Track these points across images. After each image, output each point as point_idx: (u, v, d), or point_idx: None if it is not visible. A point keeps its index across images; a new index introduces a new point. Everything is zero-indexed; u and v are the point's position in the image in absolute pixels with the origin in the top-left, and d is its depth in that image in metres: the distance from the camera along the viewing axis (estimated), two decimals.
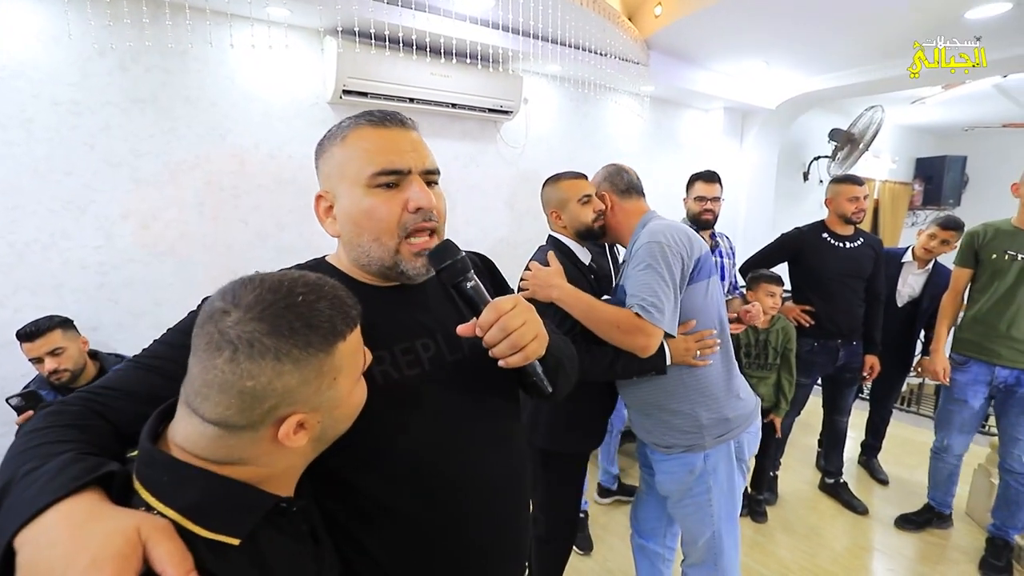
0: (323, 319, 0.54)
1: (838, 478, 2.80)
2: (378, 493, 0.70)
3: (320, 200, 0.77)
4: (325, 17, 2.30)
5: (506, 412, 0.84)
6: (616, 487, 2.80)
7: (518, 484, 0.84)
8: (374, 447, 0.69)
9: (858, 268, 2.46)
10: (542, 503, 1.71)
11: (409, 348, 0.75)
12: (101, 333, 2.12)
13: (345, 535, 0.68)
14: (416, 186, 0.72)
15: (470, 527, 0.75)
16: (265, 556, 0.50)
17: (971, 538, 2.48)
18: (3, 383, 1.95)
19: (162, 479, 0.49)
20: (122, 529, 0.42)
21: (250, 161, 2.40)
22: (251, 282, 0.53)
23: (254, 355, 0.50)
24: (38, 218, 1.99)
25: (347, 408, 0.59)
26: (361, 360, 0.61)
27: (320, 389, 0.54)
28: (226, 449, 0.52)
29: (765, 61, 3.53)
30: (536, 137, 3.36)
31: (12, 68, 1.89)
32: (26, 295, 2.00)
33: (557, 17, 2.48)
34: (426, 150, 0.76)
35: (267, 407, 0.51)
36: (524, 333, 0.68)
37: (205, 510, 0.48)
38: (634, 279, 1.39)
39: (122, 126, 2.10)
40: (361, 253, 0.74)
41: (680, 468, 1.47)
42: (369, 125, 0.73)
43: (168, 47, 2.13)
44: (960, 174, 6.55)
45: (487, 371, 0.77)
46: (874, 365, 2.60)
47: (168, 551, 0.42)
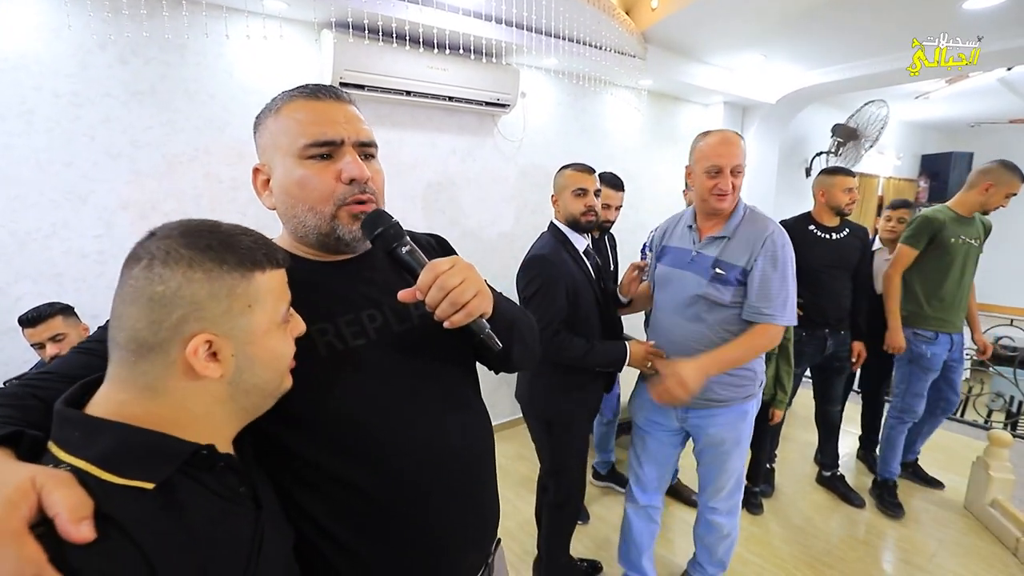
0: (242, 247, 0.56)
1: (834, 471, 2.79)
2: (320, 458, 0.69)
3: (257, 174, 0.78)
4: (321, 10, 2.33)
5: (459, 382, 0.84)
6: (607, 473, 2.84)
7: (478, 455, 0.83)
8: (315, 412, 0.69)
9: (844, 258, 2.49)
10: (549, 469, 1.87)
11: (354, 320, 0.75)
12: (101, 320, 2.15)
13: (291, 503, 0.69)
14: (349, 157, 0.72)
15: (426, 497, 0.74)
16: (183, 506, 0.50)
17: (969, 532, 2.46)
18: (6, 368, 2.00)
19: (74, 435, 0.49)
20: (15, 479, 0.43)
21: (248, 153, 2.43)
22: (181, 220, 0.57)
23: (168, 261, 0.52)
24: (39, 208, 2.03)
25: (263, 350, 0.58)
26: (283, 306, 0.61)
27: (231, 312, 0.55)
28: (140, 385, 0.52)
29: (763, 55, 3.53)
30: (534, 131, 3.38)
31: (13, 60, 1.93)
32: (28, 283, 2.04)
33: (553, 10, 2.49)
34: (361, 123, 0.76)
35: (175, 318, 0.52)
36: (463, 290, 0.68)
37: (118, 457, 0.48)
38: (774, 283, 1.52)
39: (121, 118, 2.14)
40: (298, 224, 0.74)
41: (737, 417, 1.65)
42: (302, 97, 0.73)
43: (167, 39, 2.17)
44: (966, 170, 6.45)
45: (437, 341, 0.79)
46: (860, 352, 2.63)
47: (63, 496, 0.42)
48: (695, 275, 1.61)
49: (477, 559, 0.84)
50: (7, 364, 2.01)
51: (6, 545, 0.39)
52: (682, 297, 1.63)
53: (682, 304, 1.63)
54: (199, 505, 0.52)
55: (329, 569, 0.70)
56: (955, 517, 2.57)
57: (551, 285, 1.66)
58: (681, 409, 1.69)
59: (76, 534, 0.41)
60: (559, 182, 1.82)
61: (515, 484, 2.82)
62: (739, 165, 1.55)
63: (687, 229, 1.70)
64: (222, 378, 0.55)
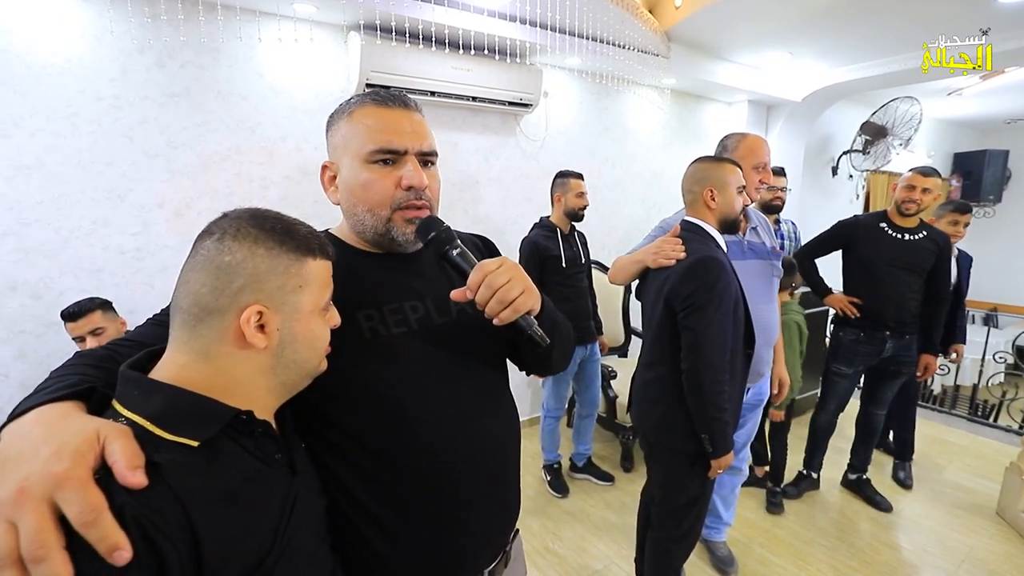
0: (300, 234, 0.64)
1: (862, 474, 2.74)
2: (356, 432, 0.74)
3: (325, 170, 0.84)
4: (349, 13, 2.38)
5: (491, 374, 0.88)
6: (584, 465, 2.90)
7: (505, 444, 0.87)
8: (355, 390, 0.75)
9: (913, 260, 2.37)
10: (684, 503, 1.64)
11: (398, 308, 0.80)
12: (138, 316, 2.23)
13: (327, 473, 0.74)
14: (410, 165, 0.78)
15: (455, 479, 0.78)
16: (222, 463, 0.56)
17: (1002, 538, 2.40)
18: (51, 358, 2.09)
19: (133, 393, 0.56)
20: (84, 430, 0.49)
21: (278, 153, 2.50)
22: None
23: (238, 236, 0.60)
24: (82, 206, 2.12)
25: (304, 329, 0.63)
26: (326, 295, 0.67)
27: (284, 288, 0.61)
28: (195, 349, 0.58)
29: (790, 52, 3.48)
30: (556, 130, 3.39)
31: (60, 66, 2.02)
32: (70, 279, 2.13)
33: (576, 10, 2.50)
34: (426, 132, 0.81)
35: (236, 286, 0.58)
36: (510, 288, 0.71)
37: (168, 416, 0.54)
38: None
39: (159, 119, 2.22)
40: (357, 221, 0.81)
41: (767, 383, 1.96)
42: (374, 104, 0.79)
43: (201, 43, 2.24)
44: (1002, 169, 6.28)
45: (473, 335, 0.85)
46: (929, 365, 2.53)
47: (122, 446, 0.48)
48: (759, 260, 1.81)
49: (497, 544, 0.88)
50: (51, 355, 2.10)
51: (74, 490, 0.44)
52: (759, 283, 1.77)
53: (763, 289, 1.79)
54: (237, 464, 0.58)
55: (359, 538, 0.75)
56: (987, 523, 2.52)
57: (727, 297, 1.43)
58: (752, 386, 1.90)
59: (132, 479, 0.47)
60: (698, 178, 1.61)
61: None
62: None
63: None
64: (266, 349, 0.61)
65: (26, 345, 2.08)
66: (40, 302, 2.08)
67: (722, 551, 2.20)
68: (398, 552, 0.75)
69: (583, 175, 2.59)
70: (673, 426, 1.53)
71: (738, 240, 1.81)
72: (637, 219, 3.89)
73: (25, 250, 2.04)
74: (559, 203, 2.58)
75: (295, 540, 0.61)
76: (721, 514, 2.18)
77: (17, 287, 2.04)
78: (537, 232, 2.59)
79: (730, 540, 2.29)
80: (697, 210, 1.57)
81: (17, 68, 1.95)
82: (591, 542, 2.36)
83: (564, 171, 2.60)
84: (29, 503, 0.43)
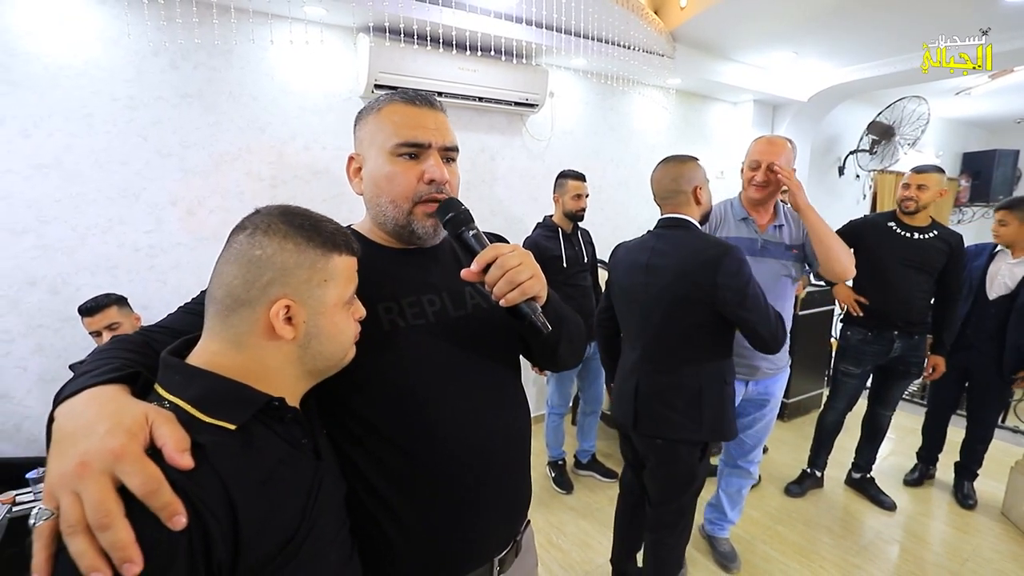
0: (327, 231, 0.67)
1: (866, 473, 2.74)
2: (374, 420, 0.78)
3: (352, 161, 0.88)
4: (358, 15, 2.42)
5: (504, 368, 0.91)
6: (588, 462, 2.93)
7: (516, 435, 0.89)
8: (373, 379, 0.77)
9: (923, 259, 2.35)
10: (693, 490, 1.71)
11: (415, 302, 0.84)
12: (151, 311, 2.28)
13: (346, 459, 0.77)
14: (432, 160, 0.81)
15: (467, 466, 0.81)
16: (257, 446, 0.59)
17: (1007, 538, 2.40)
18: (67, 352, 2.15)
19: (175, 378, 0.60)
20: (134, 412, 0.53)
21: (287, 153, 2.55)
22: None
23: (269, 231, 0.63)
24: (98, 204, 2.17)
25: (330, 323, 0.66)
26: (351, 289, 0.70)
27: (310, 282, 0.64)
28: (228, 337, 0.62)
29: (795, 52, 3.49)
30: (562, 130, 3.42)
31: (77, 67, 2.07)
32: (86, 275, 2.18)
33: (582, 11, 2.53)
34: (449, 129, 0.85)
35: (265, 279, 0.61)
36: (520, 271, 0.74)
37: (207, 400, 0.58)
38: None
39: (172, 119, 2.27)
40: (379, 212, 0.84)
41: (783, 380, 2.02)
42: (402, 101, 0.83)
43: (215, 45, 2.29)
44: (1012, 169, 6.23)
45: (488, 328, 0.89)
46: (937, 366, 2.51)
47: (170, 431, 0.52)
48: (773, 260, 1.87)
49: (507, 532, 0.90)
50: (67, 349, 2.15)
51: (134, 463, 0.48)
52: (770, 282, 1.81)
53: (774, 288, 1.82)
54: (270, 447, 0.61)
55: (374, 524, 0.78)
56: (992, 523, 2.51)
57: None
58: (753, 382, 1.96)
59: (181, 461, 0.50)
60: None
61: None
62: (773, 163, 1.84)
63: (741, 223, 1.92)
64: (294, 340, 0.64)
65: (44, 339, 2.14)
66: (58, 297, 2.14)
67: (725, 547, 2.22)
68: (411, 538, 0.79)
69: (584, 176, 2.59)
70: (703, 418, 1.57)
71: (753, 238, 1.86)
72: (642, 219, 3.91)
73: (44, 247, 2.09)
74: (558, 204, 2.61)
75: (320, 522, 0.64)
76: (727, 512, 2.20)
77: (36, 282, 2.10)
78: (539, 232, 2.62)
79: (733, 536, 2.30)
80: (686, 207, 1.60)
81: (36, 70, 2.01)
82: (594, 537, 2.39)
83: (564, 171, 2.61)
84: (91, 475, 0.47)
